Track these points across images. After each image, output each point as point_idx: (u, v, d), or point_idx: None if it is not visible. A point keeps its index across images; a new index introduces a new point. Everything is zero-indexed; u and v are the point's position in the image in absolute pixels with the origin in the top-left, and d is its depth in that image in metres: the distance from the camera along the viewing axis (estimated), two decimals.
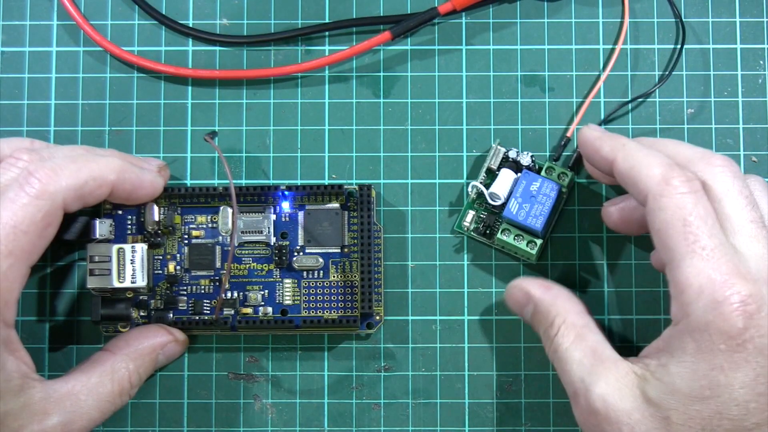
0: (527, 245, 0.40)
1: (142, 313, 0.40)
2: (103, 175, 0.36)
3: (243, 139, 0.43)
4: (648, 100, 0.43)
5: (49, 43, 0.43)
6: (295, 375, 0.42)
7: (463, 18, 0.43)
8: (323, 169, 0.42)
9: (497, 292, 0.42)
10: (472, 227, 0.41)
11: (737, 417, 0.31)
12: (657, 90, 0.43)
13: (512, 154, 0.41)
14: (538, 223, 0.39)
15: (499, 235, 0.40)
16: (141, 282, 0.39)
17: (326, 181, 0.42)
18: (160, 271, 0.41)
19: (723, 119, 0.42)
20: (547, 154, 0.42)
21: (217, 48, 0.43)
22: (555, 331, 0.36)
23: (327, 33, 0.43)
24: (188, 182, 0.42)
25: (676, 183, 0.33)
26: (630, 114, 0.42)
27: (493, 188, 0.40)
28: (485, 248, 0.42)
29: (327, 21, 0.43)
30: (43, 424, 0.34)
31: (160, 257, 0.41)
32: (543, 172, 0.40)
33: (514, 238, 0.40)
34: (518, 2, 0.43)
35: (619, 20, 0.43)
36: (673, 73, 0.42)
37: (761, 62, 0.43)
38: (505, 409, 0.41)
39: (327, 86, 0.43)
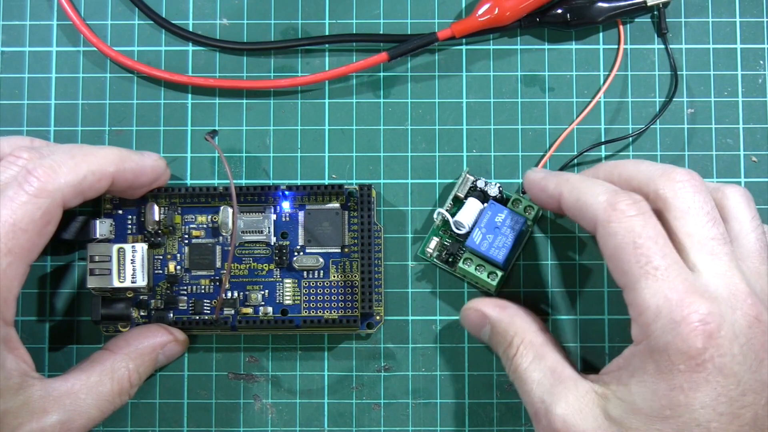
0: (488, 276, 0.40)
1: (142, 313, 0.40)
2: (102, 167, 0.36)
3: (243, 139, 0.43)
4: (648, 99, 0.43)
5: (49, 43, 0.43)
6: (295, 375, 0.42)
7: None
8: (323, 169, 0.42)
9: (497, 293, 0.41)
10: (435, 254, 0.41)
11: None
12: (657, 90, 0.43)
13: (480, 183, 0.41)
14: (500, 254, 0.39)
15: (461, 264, 0.40)
16: (141, 282, 0.39)
17: (326, 181, 0.42)
18: (161, 271, 0.41)
19: (723, 119, 0.42)
20: (545, 152, 0.42)
21: (217, 52, 0.43)
22: (514, 351, 0.36)
23: (327, 46, 0.43)
24: (188, 182, 0.42)
25: (622, 207, 0.33)
26: (630, 114, 0.42)
27: (459, 216, 0.40)
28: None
29: (327, 20, 0.43)
30: (42, 423, 0.34)
31: (161, 257, 0.41)
32: (510, 204, 0.40)
33: (476, 268, 0.40)
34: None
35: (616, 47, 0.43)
36: (674, 99, 0.42)
37: (761, 62, 0.43)
38: (505, 409, 0.41)
39: (327, 86, 0.43)
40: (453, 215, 0.41)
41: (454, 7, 0.43)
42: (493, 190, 0.41)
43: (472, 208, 0.40)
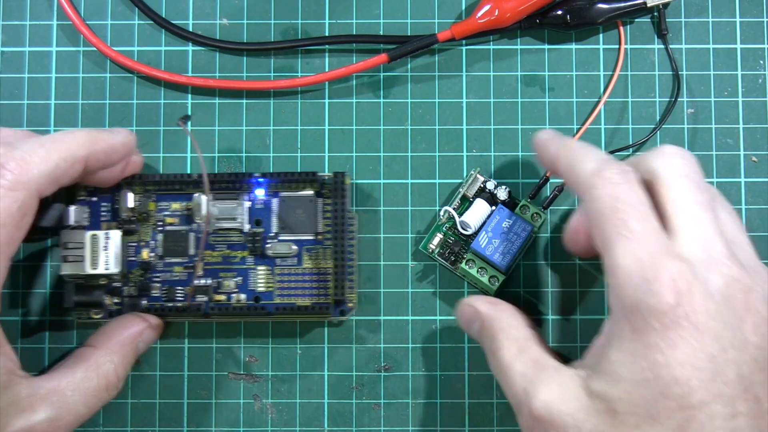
0: (489, 280, 0.40)
1: (115, 300, 0.40)
2: (74, 152, 0.36)
3: (243, 139, 0.43)
4: (648, 100, 0.43)
5: (49, 43, 0.43)
6: (295, 375, 0.42)
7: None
8: (323, 169, 0.42)
9: (497, 293, 0.41)
10: (437, 251, 0.41)
11: (680, 395, 0.30)
12: (657, 90, 0.43)
13: (490, 185, 0.41)
14: (504, 260, 0.39)
15: (462, 265, 0.40)
16: (114, 269, 0.39)
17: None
18: (134, 258, 0.41)
19: (723, 119, 0.42)
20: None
21: (217, 52, 0.43)
22: (498, 346, 0.36)
23: (327, 47, 0.43)
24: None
25: (608, 174, 0.33)
26: (630, 115, 0.42)
27: (465, 217, 0.40)
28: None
29: (327, 20, 0.43)
30: (30, 420, 0.34)
31: (135, 244, 0.41)
32: (518, 209, 0.40)
33: (478, 271, 0.40)
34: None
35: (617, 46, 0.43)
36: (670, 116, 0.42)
37: (761, 62, 0.43)
38: (505, 409, 0.41)
39: (327, 86, 0.43)
40: (460, 215, 0.41)
41: (454, 8, 0.43)
42: (502, 194, 0.41)
43: (479, 209, 0.40)
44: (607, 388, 0.31)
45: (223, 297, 0.40)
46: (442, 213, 0.41)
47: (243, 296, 0.40)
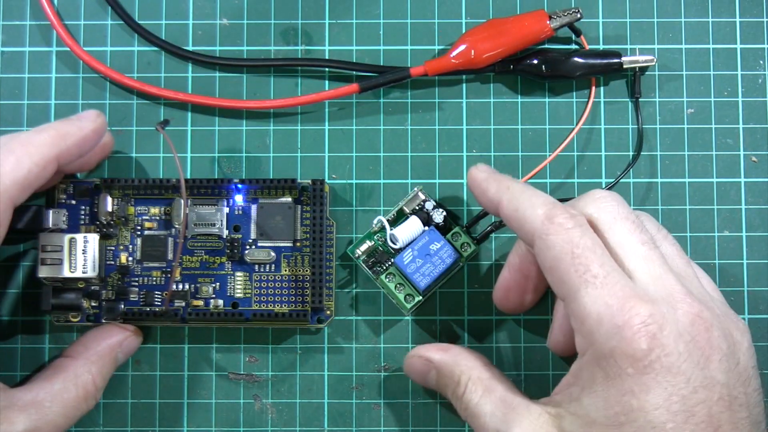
0: (405, 297, 0.40)
1: (93, 304, 0.40)
2: (44, 155, 0.35)
3: (243, 139, 0.43)
4: (648, 100, 0.43)
5: (50, 43, 0.43)
6: (296, 375, 0.41)
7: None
8: (323, 169, 0.42)
9: None
10: (363, 257, 0.41)
11: None
12: (657, 90, 0.43)
13: (429, 206, 0.41)
14: (423, 281, 0.39)
15: (382, 277, 0.40)
16: (92, 272, 0.39)
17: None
18: (113, 262, 0.41)
19: (723, 119, 0.42)
20: (546, 154, 0.42)
21: (217, 49, 0.43)
22: (462, 390, 0.36)
23: (300, 68, 0.43)
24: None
25: (560, 220, 0.33)
26: (629, 115, 0.42)
27: (396, 230, 0.40)
28: (485, 257, 0.42)
29: (327, 20, 0.43)
30: None
31: (113, 248, 0.41)
32: (450, 235, 0.40)
33: (396, 286, 0.40)
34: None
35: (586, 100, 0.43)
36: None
37: (761, 62, 0.43)
38: None
39: (327, 85, 0.43)
40: (393, 227, 0.40)
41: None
42: (438, 217, 0.40)
43: (411, 226, 0.40)
44: (580, 431, 0.31)
45: (200, 302, 0.40)
46: (375, 221, 0.41)
47: (221, 302, 0.40)
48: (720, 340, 0.31)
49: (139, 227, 0.41)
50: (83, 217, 0.41)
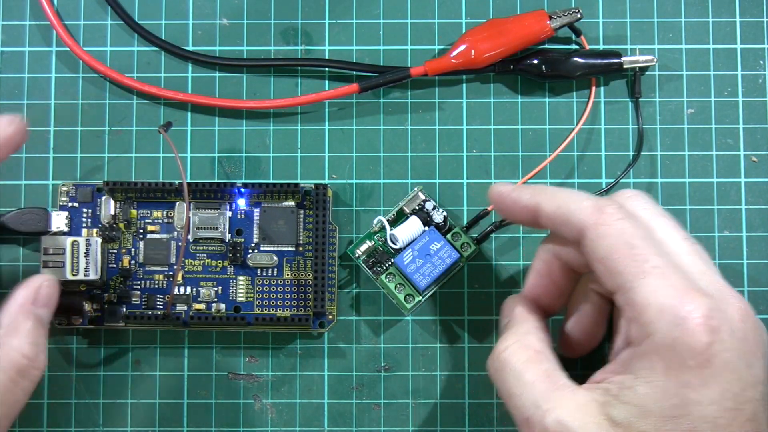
0: (405, 298, 0.40)
1: (95, 307, 0.40)
2: None
3: (243, 139, 0.43)
4: (648, 99, 0.43)
5: (50, 43, 0.43)
6: (295, 375, 0.42)
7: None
8: (323, 169, 0.42)
9: (497, 293, 0.42)
10: (363, 257, 0.41)
11: None
12: (657, 90, 0.43)
13: (429, 206, 0.41)
14: (423, 281, 0.39)
15: (382, 277, 0.40)
16: (94, 275, 0.39)
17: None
18: (115, 265, 0.41)
19: (723, 119, 0.42)
20: (547, 154, 0.42)
21: (217, 49, 0.43)
22: (503, 347, 0.35)
23: (300, 68, 0.43)
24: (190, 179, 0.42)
25: (610, 211, 0.33)
26: (629, 116, 0.42)
27: (396, 230, 0.40)
28: (486, 257, 0.42)
29: (327, 20, 0.43)
30: None
31: (115, 251, 0.41)
32: (450, 235, 0.40)
33: (396, 287, 0.40)
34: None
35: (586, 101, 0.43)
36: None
37: (761, 62, 0.43)
38: (505, 409, 0.41)
39: (327, 85, 0.43)
40: (393, 227, 0.40)
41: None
42: (438, 217, 0.40)
43: (411, 226, 0.40)
44: (633, 420, 0.31)
45: (202, 306, 0.40)
46: (375, 221, 0.41)
47: (223, 306, 0.41)
48: (762, 338, 0.32)
49: (141, 230, 0.41)
50: (86, 220, 0.41)
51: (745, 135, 0.42)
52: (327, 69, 0.43)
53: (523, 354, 0.34)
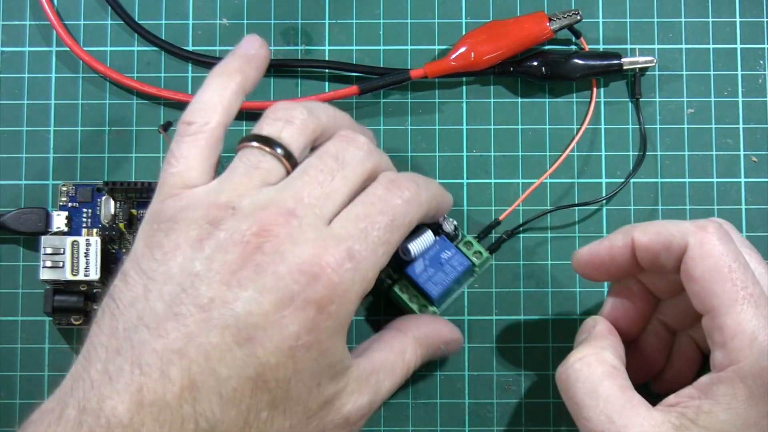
0: (419, 309, 0.39)
1: (95, 307, 0.40)
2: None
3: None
4: (648, 100, 0.43)
5: (50, 43, 0.43)
6: None
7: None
8: None
9: (497, 293, 0.42)
10: None
11: None
12: (657, 90, 0.43)
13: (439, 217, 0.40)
14: (435, 290, 0.38)
15: (395, 288, 0.39)
16: (94, 275, 0.39)
17: None
18: (115, 265, 0.40)
19: (723, 119, 0.42)
20: (547, 154, 0.42)
21: (217, 49, 0.43)
22: (578, 357, 0.34)
23: (299, 69, 0.43)
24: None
25: (712, 230, 0.32)
26: (630, 116, 0.42)
27: (409, 243, 0.38)
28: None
29: (327, 20, 0.43)
30: (357, 404, 0.33)
31: (115, 251, 0.41)
32: (461, 244, 0.40)
33: (409, 298, 0.39)
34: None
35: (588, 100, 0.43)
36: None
37: (761, 62, 0.43)
38: (505, 409, 0.41)
39: (327, 85, 0.43)
40: (405, 240, 0.40)
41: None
42: (448, 227, 0.39)
43: (425, 238, 0.39)
44: None
45: None
46: None
47: None
48: None
49: None
50: (86, 220, 0.41)
51: (745, 135, 0.42)
52: (327, 70, 0.43)
53: (599, 367, 0.34)
